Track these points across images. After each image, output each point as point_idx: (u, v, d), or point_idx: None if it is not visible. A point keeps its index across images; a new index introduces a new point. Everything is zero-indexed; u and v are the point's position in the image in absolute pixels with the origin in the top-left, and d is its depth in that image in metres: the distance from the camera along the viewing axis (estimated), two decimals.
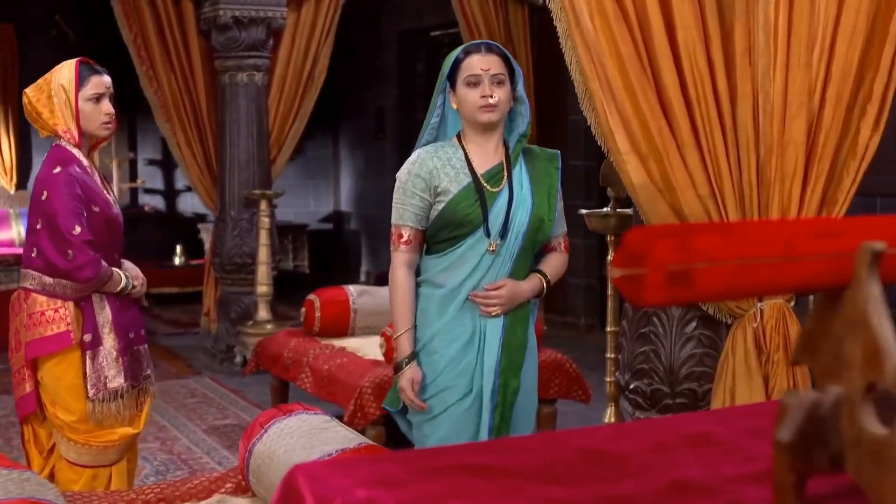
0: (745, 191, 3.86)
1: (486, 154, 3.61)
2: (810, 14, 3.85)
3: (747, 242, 1.14)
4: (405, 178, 3.60)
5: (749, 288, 1.17)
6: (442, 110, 3.69)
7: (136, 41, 8.23)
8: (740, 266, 1.14)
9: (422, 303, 3.63)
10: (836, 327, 1.23)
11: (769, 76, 3.84)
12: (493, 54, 3.57)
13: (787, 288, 1.22)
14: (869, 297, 1.20)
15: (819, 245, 1.18)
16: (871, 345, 1.19)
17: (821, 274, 1.19)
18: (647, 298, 1.11)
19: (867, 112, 4.00)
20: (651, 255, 1.10)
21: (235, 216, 8.21)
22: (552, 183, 3.70)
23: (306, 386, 5.94)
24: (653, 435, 1.60)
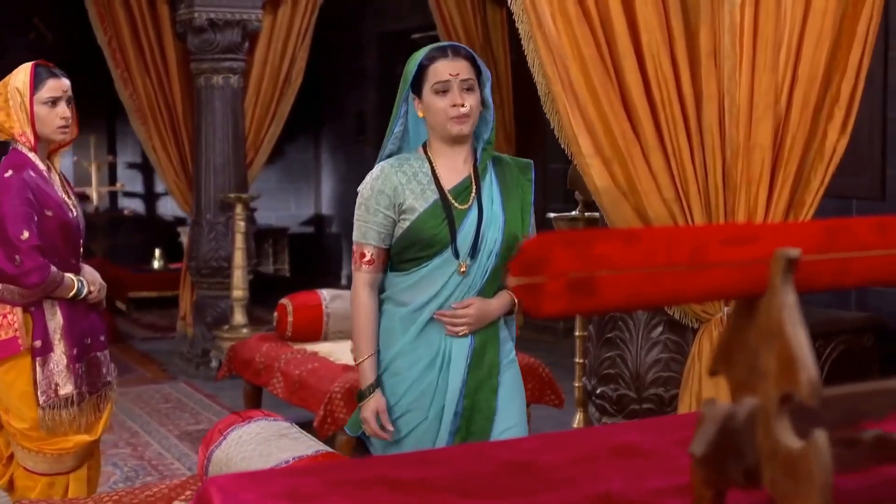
0: (711, 194, 3.82)
1: (454, 167, 3.36)
2: (776, 16, 3.82)
3: (652, 250, 1.10)
4: (368, 194, 3.34)
5: (655, 297, 1.13)
6: (405, 118, 3.42)
7: (110, 44, 8.17)
8: (645, 274, 1.10)
9: (384, 321, 3.41)
10: (751, 337, 1.19)
11: (735, 78, 3.81)
12: (461, 58, 3.31)
13: (697, 297, 1.17)
14: (784, 306, 1.16)
15: (730, 252, 1.14)
16: (786, 355, 1.15)
17: (733, 282, 1.15)
18: (546, 308, 1.07)
19: (834, 115, 3.97)
20: (550, 263, 1.06)
21: (211, 220, 8.15)
22: (525, 196, 3.44)
23: (277, 391, 5.90)
24: (580, 446, 1.56)
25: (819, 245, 1.19)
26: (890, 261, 1.23)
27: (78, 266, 4.07)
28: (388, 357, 3.41)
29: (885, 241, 1.22)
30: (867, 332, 6.16)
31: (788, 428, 1.15)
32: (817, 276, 1.20)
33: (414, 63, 3.34)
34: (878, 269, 1.23)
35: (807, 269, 1.18)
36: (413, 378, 3.38)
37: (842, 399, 1.23)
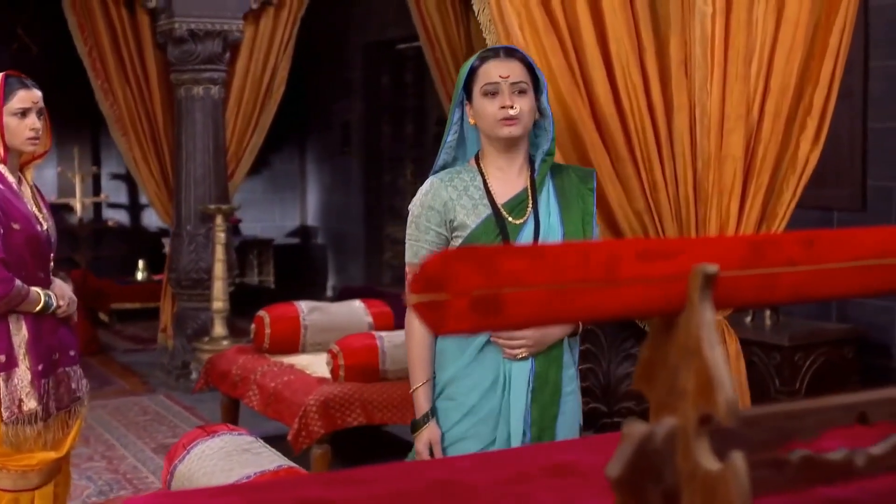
0: (682, 205, 3.80)
1: (508, 179, 3.14)
2: (748, 27, 3.80)
3: (561, 265, 1.06)
4: (418, 212, 3.14)
5: (566, 314, 1.09)
6: (460, 126, 3.22)
7: (90, 54, 8.14)
8: (555, 291, 1.06)
9: (439, 343, 3.18)
10: (670, 355, 1.15)
11: (706, 89, 3.79)
12: (514, 60, 3.10)
13: (612, 314, 1.14)
14: (702, 324, 1.12)
15: (646, 268, 1.10)
16: (704, 374, 1.12)
17: (650, 299, 1.12)
18: (450, 326, 1.03)
19: (807, 126, 3.95)
20: (454, 280, 1.02)
21: (192, 231, 8.11)
22: (586, 207, 3.19)
23: (253, 403, 5.85)
24: (516, 465, 1.52)
25: (743, 260, 1.16)
26: (820, 276, 1.19)
27: (47, 280, 4.01)
28: (442, 380, 3.18)
29: (815, 256, 1.18)
30: (848, 343, 6.13)
31: (707, 449, 1.12)
32: (740, 293, 1.17)
33: (466, 66, 3.17)
34: (808, 285, 1.19)
35: (728, 285, 1.15)
36: (470, 404, 3.13)
37: (768, 419, 1.19)
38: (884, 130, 6.27)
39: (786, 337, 5.92)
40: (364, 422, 5.41)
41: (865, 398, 1.24)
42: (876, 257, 1.21)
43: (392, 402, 5.44)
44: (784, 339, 5.91)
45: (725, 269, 1.14)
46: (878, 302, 6.11)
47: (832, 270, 1.19)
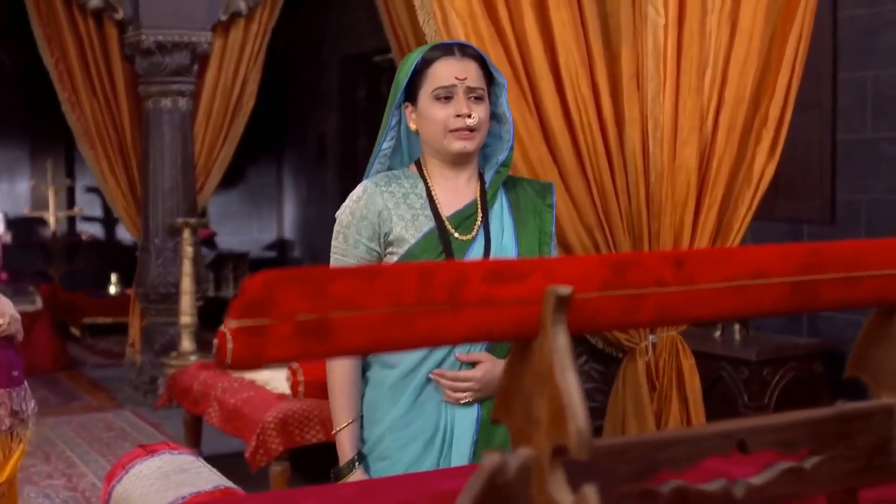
0: (635, 219, 3.74)
1: (455, 188, 2.71)
2: (701, 38, 3.75)
3: (399, 288, 0.99)
4: (347, 220, 2.68)
5: (404, 339, 1.02)
6: (398, 132, 2.79)
7: (57, 66, 8.06)
8: (391, 315, 0.99)
9: (369, 392, 2.71)
10: (526, 382, 1.08)
11: (659, 101, 3.73)
12: (470, 59, 2.67)
13: (456, 338, 1.07)
14: (555, 349, 1.05)
15: (494, 290, 1.03)
16: (557, 403, 1.05)
17: (499, 323, 1.05)
18: (272, 354, 0.96)
19: (763, 138, 3.90)
20: (276, 304, 0.95)
21: (160, 245, 8.03)
22: (544, 225, 2.77)
23: (214, 420, 5.76)
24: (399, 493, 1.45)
25: (604, 281, 1.09)
26: (691, 297, 1.13)
27: None
28: (373, 436, 2.71)
29: (683, 276, 1.11)
30: (817, 357, 6.08)
31: (562, 482, 1.05)
32: (600, 315, 1.10)
33: (410, 63, 2.70)
34: (678, 307, 1.13)
35: (586, 308, 1.08)
36: (407, 461, 2.67)
37: (636, 448, 1.13)
38: (852, 142, 6.22)
39: (754, 351, 5.87)
40: (323, 439, 5.32)
41: (744, 425, 1.17)
42: (752, 277, 1.15)
43: None
44: (752, 354, 5.85)
45: (583, 290, 1.07)
46: (849, 316, 6.05)
47: (704, 291, 1.13)
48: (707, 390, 6.00)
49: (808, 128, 6.42)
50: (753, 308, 1.17)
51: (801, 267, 1.17)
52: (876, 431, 1.24)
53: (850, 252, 1.22)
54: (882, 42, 5.97)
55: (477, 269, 1.03)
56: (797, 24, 3.87)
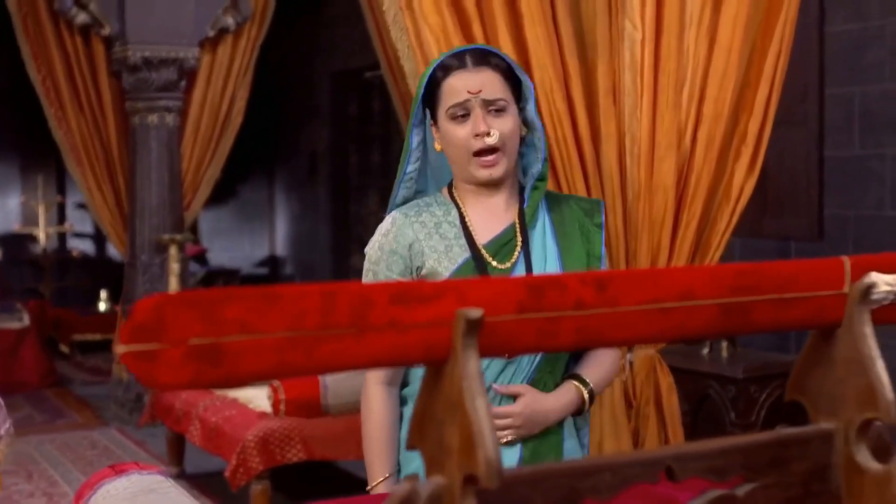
0: (612, 237, 3.69)
1: (491, 212, 2.47)
2: (678, 53, 3.71)
3: (300, 311, 0.95)
4: (376, 256, 2.46)
5: (305, 365, 0.98)
6: (422, 152, 2.54)
7: (44, 82, 8.03)
8: (290, 339, 0.95)
9: (405, 427, 2.46)
10: (438, 408, 1.04)
11: (636, 116, 3.70)
12: (486, 68, 2.40)
13: (362, 363, 1.03)
14: (465, 375, 1.01)
15: (403, 313, 0.99)
16: (467, 430, 1.01)
17: (407, 347, 1.01)
18: (164, 379, 0.92)
19: (742, 154, 3.87)
20: (168, 328, 0.91)
21: (146, 261, 7.98)
22: (592, 248, 2.51)
23: (195, 438, 5.72)
24: None
25: (520, 304, 1.05)
26: (613, 319, 1.09)
27: None
28: (408, 472, 2.49)
29: (605, 298, 1.07)
30: None
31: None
32: (515, 339, 1.06)
33: (423, 79, 2.46)
34: (599, 329, 1.09)
35: (501, 331, 1.04)
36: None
37: (558, 476, 1.08)
38: (840, 158, 6.19)
39: (741, 369, 5.82)
40: (304, 458, 5.28)
41: (671, 452, 1.13)
42: (678, 299, 1.11)
43: (334, 437, 5.31)
44: (739, 371, 5.80)
45: (497, 313, 1.03)
46: None
47: (627, 314, 1.09)
48: (694, 408, 5.97)
49: (795, 144, 6.40)
50: (680, 330, 1.13)
51: (732, 288, 1.14)
52: (813, 458, 1.20)
53: (783, 273, 1.18)
54: (869, 57, 5.94)
55: (383, 291, 0.99)
56: (776, 39, 3.84)
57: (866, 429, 1.19)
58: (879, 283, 1.22)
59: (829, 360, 1.22)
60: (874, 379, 1.15)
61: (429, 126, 2.51)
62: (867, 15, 5.93)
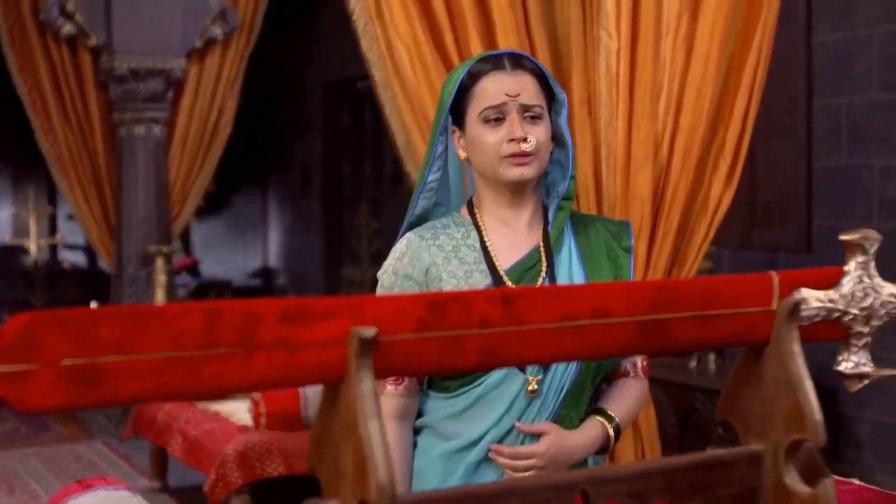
0: None
1: (514, 234, 2.33)
2: (654, 63, 3.67)
3: (181, 330, 0.90)
4: (389, 281, 2.31)
5: (188, 386, 0.93)
6: (444, 161, 2.40)
7: (30, 93, 7.99)
8: (171, 360, 0.91)
9: (418, 459, 2.35)
10: (334, 430, 0.99)
11: (612, 126, 3.65)
12: (524, 72, 2.28)
13: (252, 384, 0.98)
14: (358, 396, 0.96)
15: (294, 332, 0.95)
16: (360, 454, 0.96)
17: (302, 366, 0.96)
18: (35, 403, 0.88)
19: (719, 165, 3.82)
20: (39, 348, 0.87)
21: (133, 273, 7.95)
22: (620, 272, 2.37)
23: (176, 452, 5.67)
24: None
25: (421, 322, 1.00)
26: (520, 337, 1.04)
27: None
28: None
29: (511, 316, 1.03)
30: None
31: None
32: (415, 358, 1.01)
33: (454, 81, 2.31)
34: (504, 348, 1.04)
35: (399, 350, 0.99)
36: None
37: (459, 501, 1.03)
38: (828, 169, 6.15)
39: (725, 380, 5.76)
40: (284, 472, 5.23)
41: (586, 475, 1.08)
42: (592, 316, 1.06)
43: None
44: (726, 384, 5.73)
45: (395, 332, 0.98)
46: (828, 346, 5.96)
47: (536, 332, 1.04)
48: (681, 422, 5.92)
49: (783, 155, 6.36)
50: (595, 349, 1.08)
51: (651, 305, 1.09)
52: (740, 481, 1.15)
53: (706, 289, 1.13)
54: (856, 67, 5.90)
55: (272, 309, 0.95)
56: (755, 48, 3.79)
57: (795, 450, 1.14)
58: (810, 300, 1.17)
59: (758, 379, 1.17)
60: (802, 399, 1.10)
61: (450, 133, 2.36)
62: (854, 24, 5.89)
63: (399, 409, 2.29)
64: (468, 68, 2.30)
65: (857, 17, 5.87)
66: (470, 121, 2.28)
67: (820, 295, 1.18)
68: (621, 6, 3.63)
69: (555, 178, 2.38)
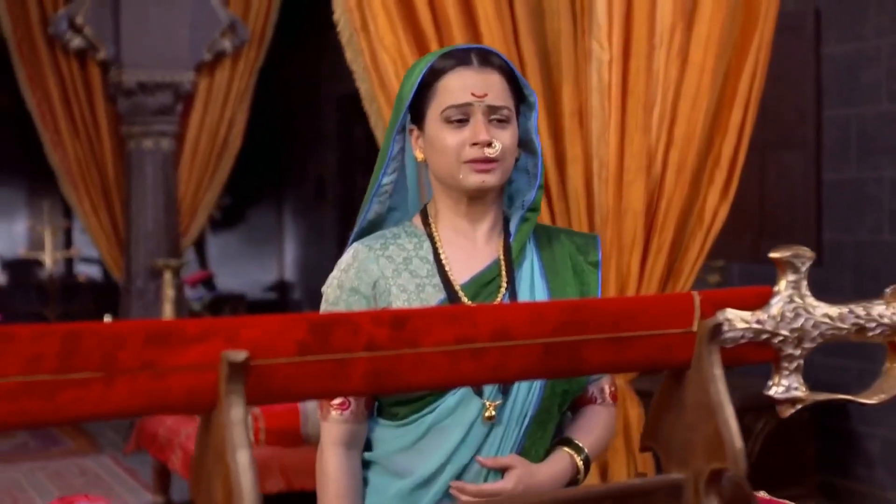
0: None
1: (471, 247, 2.13)
2: (647, 74, 3.62)
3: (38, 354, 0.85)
4: (334, 296, 2.11)
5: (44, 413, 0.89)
6: (401, 162, 2.19)
7: (39, 106, 7.99)
8: (25, 384, 0.86)
9: (371, 498, 2.13)
10: (207, 459, 0.94)
11: (604, 139, 3.60)
12: (493, 70, 2.07)
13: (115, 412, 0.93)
14: (227, 424, 0.91)
15: (162, 355, 0.90)
16: (228, 484, 0.91)
17: (170, 392, 0.91)
18: None
19: (715, 178, 3.76)
20: None
21: (141, 286, 7.92)
22: (587, 289, 2.17)
23: (176, 467, 5.63)
24: None
25: (301, 345, 0.95)
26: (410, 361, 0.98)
27: None
28: None
29: (402, 338, 0.97)
30: None
31: None
32: (295, 384, 0.96)
33: (415, 75, 2.10)
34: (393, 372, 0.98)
35: (277, 375, 0.94)
36: None
37: None
38: (838, 181, 6.07)
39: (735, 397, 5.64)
40: (283, 488, 5.18)
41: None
42: (492, 339, 1.00)
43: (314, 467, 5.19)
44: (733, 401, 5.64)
45: (272, 355, 0.93)
46: (837, 361, 5.88)
47: (428, 355, 0.99)
48: None
49: (792, 167, 6.28)
50: (495, 373, 1.02)
51: (557, 326, 1.03)
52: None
53: (619, 310, 1.08)
54: (865, 78, 5.83)
55: (137, 331, 0.90)
56: (751, 59, 3.73)
57: (717, 480, 1.08)
58: (735, 320, 1.11)
59: (680, 404, 1.11)
60: (721, 425, 1.05)
61: (408, 132, 2.15)
62: (863, 35, 5.81)
63: (344, 435, 2.09)
64: (431, 62, 2.09)
65: (867, 28, 5.79)
66: (430, 119, 2.07)
67: (746, 315, 1.12)
68: (613, 16, 3.58)
69: (520, 187, 2.18)
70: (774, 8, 3.71)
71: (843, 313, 1.21)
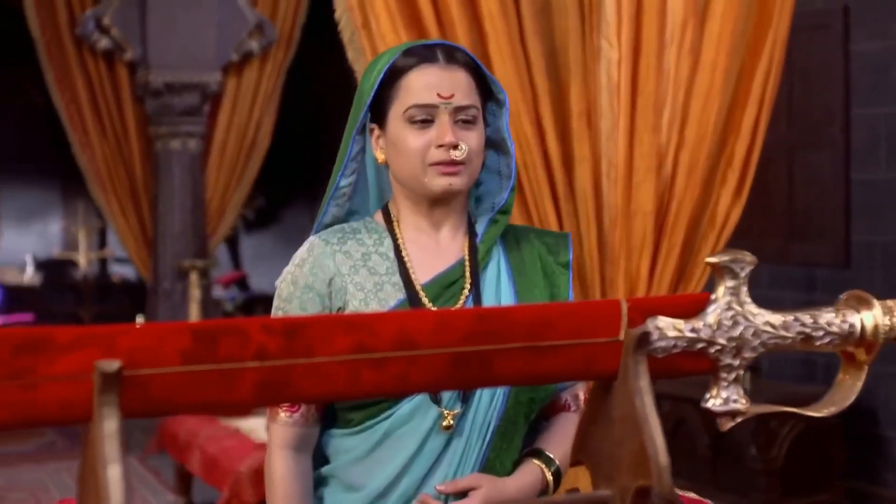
0: (586, 265, 3.53)
1: (434, 246, 2.04)
2: (658, 73, 3.55)
3: None
4: (287, 292, 2.00)
5: None
6: (360, 163, 2.09)
7: (68, 107, 8.02)
8: None
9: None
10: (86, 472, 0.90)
11: (613, 139, 3.53)
12: (459, 68, 1.97)
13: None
14: (99, 437, 0.87)
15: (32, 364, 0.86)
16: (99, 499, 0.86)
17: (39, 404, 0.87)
18: None
19: (728, 178, 3.68)
20: None
21: (168, 287, 7.93)
22: (556, 291, 2.07)
23: (195, 469, 5.63)
24: None
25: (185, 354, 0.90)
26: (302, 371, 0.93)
27: None
28: None
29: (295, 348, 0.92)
30: None
31: None
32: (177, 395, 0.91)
33: (378, 71, 2.00)
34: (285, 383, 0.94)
35: (156, 386, 0.89)
36: None
37: None
38: (867, 182, 5.96)
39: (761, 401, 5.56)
40: None
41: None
42: (393, 348, 0.95)
43: None
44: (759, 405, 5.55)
45: (155, 365, 0.88)
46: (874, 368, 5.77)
47: (323, 365, 0.94)
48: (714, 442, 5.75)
49: (821, 167, 6.18)
50: (399, 384, 0.97)
51: (466, 335, 0.98)
52: None
53: (537, 317, 1.02)
54: (895, 77, 5.71)
55: (6, 340, 0.85)
56: (765, 57, 3.65)
57: (644, 498, 1.02)
58: (666, 329, 1.06)
59: (607, 417, 1.06)
60: (646, 440, 0.99)
61: (368, 131, 2.06)
62: (892, 32, 5.70)
63: (294, 439, 1.98)
64: (394, 58, 1.99)
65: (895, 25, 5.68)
66: (392, 119, 1.98)
67: (679, 324, 1.06)
68: (622, 14, 3.51)
69: (490, 189, 2.10)
70: (790, 5, 3.63)
71: (787, 321, 1.15)
